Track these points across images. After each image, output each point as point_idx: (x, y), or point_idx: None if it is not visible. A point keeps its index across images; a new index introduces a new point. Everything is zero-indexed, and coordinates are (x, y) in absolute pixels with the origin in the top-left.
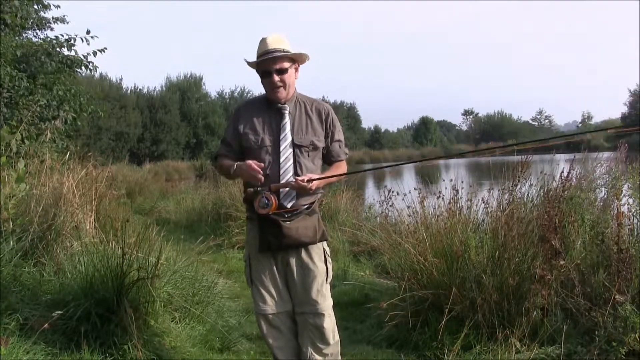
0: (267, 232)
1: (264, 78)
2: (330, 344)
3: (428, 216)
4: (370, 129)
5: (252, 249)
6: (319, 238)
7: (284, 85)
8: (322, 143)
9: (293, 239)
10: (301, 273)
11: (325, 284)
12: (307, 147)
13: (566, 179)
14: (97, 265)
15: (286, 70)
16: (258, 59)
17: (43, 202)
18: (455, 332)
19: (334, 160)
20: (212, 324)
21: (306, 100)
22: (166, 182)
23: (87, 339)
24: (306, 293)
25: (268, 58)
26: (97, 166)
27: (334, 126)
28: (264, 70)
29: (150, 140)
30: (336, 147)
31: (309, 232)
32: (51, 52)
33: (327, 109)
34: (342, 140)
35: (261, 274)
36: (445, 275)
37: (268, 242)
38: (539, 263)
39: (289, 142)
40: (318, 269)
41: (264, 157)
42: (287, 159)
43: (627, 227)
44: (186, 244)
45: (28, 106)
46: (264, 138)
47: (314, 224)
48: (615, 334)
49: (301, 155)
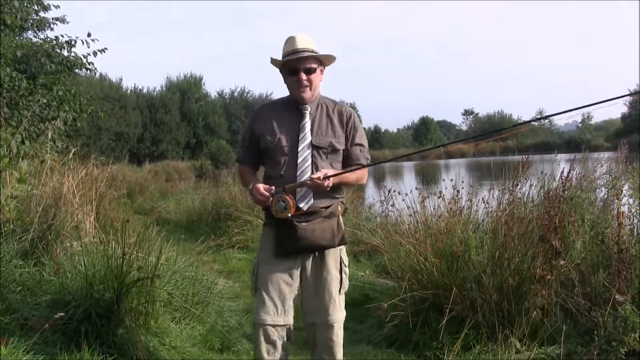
0: (283, 235)
1: (291, 76)
2: (334, 357)
3: (428, 216)
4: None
5: (264, 254)
6: (338, 242)
7: (310, 85)
8: (341, 145)
9: (309, 241)
10: (315, 280)
11: (340, 295)
12: (326, 148)
13: (566, 179)
14: (97, 265)
15: (314, 70)
16: (285, 57)
17: (43, 202)
18: (455, 332)
19: (352, 164)
20: (212, 324)
21: (329, 103)
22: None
23: (87, 339)
24: (318, 301)
25: (297, 57)
26: (97, 166)
27: (356, 129)
28: (292, 68)
29: (150, 140)
30: (356, 151)
31: (326, 235)
32: (51, 53)
33: (350, 112)
34: (363, 145)
35: (268, 282)
36: (446, 275)
37: (284, 245)
38: (539, 263)
39: (308, 142)
40: (332, 277)
41: (280, 158)
42: (305, 160)
43: (627, 227)
44: (186, 244)
45: (28, 107)
46: (281, 138)
47: (332, 227)
48: (615, 334)
49: (319, 156)
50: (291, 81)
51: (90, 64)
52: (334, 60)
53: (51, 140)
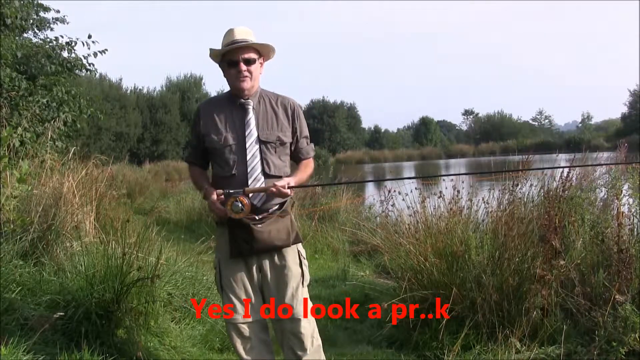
0: (238, 237)
1: (230, 68)
2: (308, 351)
3: (428, 216)
4: (370, 129)
5: (222, 255)
6: (293, 240)
7: (250, 75)
8: (288, 139)
9: (265, 243)
10: (275, 277)
11: (301, 287)
12: (274, 142)
13: (566, 179)
14: (97, 265)
15: (254, 60)
16: (223, 47)
17: (43, 202)
18: (455, 332)
19: (302, 158)
20: (212, 324)
21: (270, 95)
22: (166, 182)
23: (87, 339)
24: (280, 298)
25: (235, 47)
26: (97, 166)
27: (301, 122)
28: (230, 60)
29: (150, 140)
30: (304, 144)
31: (282, 235)
32: (51, 54)
33: (293, 103)
34: (308, 137)
35: (232, 281)
36: (446, 275)
37: (239, 247)
38: (539, 263)
39: (255, 138)
40: (292, 272)
41: (229, 157)
42: (254, 156)
43: (627, 227)
44: (186, 244)
45: (28, 107)
46: (227, 136)
47: (287, 226)
48: (615, 334)
49: (268, 151)
50: (230, 73)
51: (91, 65)
52: (274, 52)
53: (51, 140)
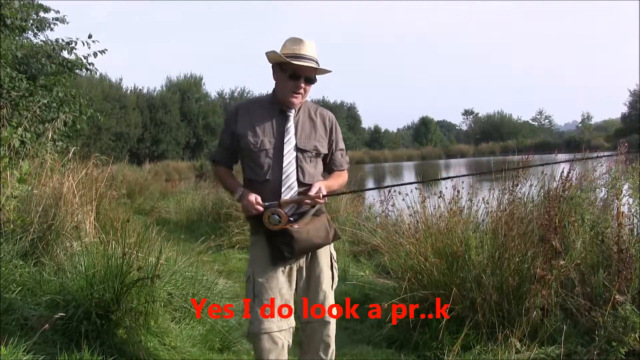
0: (278, 241)
1: (291, 79)
2: (330, 354)
3: (428, 216)
4: (370, 129)
5: (258, 264)
6: (332, 238)
7: (304, 93)
8: (324, 150)
9: (306, 243)
10: (309, 278)
11: (331, 291)
12: (310, 152)
13: (566, 179)
14: (97, 265)
15: (314, 81)
16: (290, 56)
17: (43, 202)
18: (455, 332)
19: (335, 170)
20: (212, 324)
21: (310, 105)
22: (166, 182)
23: (87, 339)
24: (313, 298)
25: (306, 65)
26: (97, 166)
27: (338, 134)
28: (295, 72)
29: (150, 140)
30: (339, 157)
31: (321, 233)
32: (51, 54)
33: (332, 117)
34: (344, 150)
35: (268, 289)
36: (446, 275)
37: (281, 252)
38: (539, 263)
39: (293, 145)
40: (325, 274)
41: (264, 161)
42: (290, 164)
43: (627, 227)
44: (186, 244)
45: (28, 107)
46: (264, 140)
47: (324, 224)
48: (615, 334)
49: (304, 160)
50: (288, 84)
51: (91, 65)
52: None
53: (51, 141)
